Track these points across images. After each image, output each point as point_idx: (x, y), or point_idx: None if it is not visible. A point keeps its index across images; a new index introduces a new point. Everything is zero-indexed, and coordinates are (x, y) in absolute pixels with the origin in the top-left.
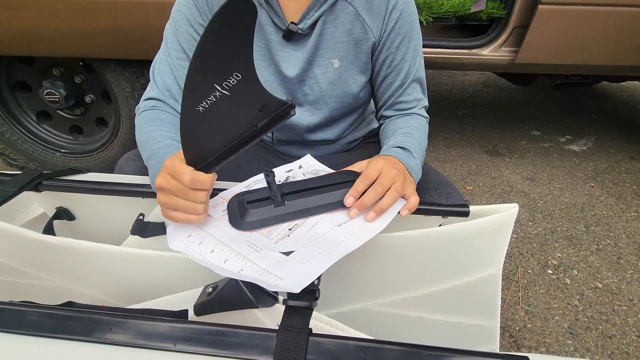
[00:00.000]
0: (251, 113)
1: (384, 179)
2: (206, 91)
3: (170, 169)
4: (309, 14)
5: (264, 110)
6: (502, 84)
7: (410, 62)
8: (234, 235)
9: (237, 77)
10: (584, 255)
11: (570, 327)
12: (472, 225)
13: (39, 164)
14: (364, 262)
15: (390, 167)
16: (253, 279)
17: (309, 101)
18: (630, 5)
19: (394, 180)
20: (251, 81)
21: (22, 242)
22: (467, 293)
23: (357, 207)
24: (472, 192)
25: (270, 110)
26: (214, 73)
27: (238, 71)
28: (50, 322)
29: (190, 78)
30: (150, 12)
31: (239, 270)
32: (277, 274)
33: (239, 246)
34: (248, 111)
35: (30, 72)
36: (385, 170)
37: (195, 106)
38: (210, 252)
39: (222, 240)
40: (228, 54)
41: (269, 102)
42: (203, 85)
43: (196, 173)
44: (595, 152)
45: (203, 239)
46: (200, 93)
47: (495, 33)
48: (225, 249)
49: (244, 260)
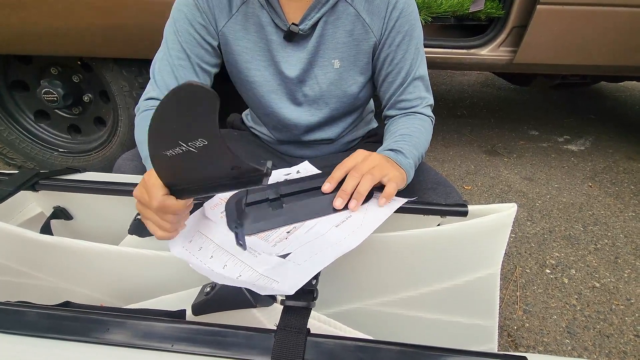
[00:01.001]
0: (222, 170)
1: (362, 165)
2: (171, 144)
3: (146, 185)
4: (309, 15)
5: (236, 170)
6: (500, 84)
7: (411, 61)
8: (232, 239)
9: (203, 142)
10: (581, 254)
11: (568, 327)
12: (470, 225)
13: (36, 163)
14: (363, 261)
15: (372, 155)
16: (250, 285)
17: (309, 101)
18: (629, 5)
19: (372, 166)
20: (218, 147)
21: (19, 242)
22: (465, 293)
23: (339, 195)
24: (471, 191)
25: (242, 172)
26: (176, 134)
27: (203, 138)
28: (47, 322)
29: (153, 127)
30: (148, 11)
31: (237, 277)
32: (273, 277)
33: (237, 251)
34: (217, 167)
35: (27, 71)
36: (364, 157)
37: (162, 150)
38: (209, 258)
39: (220, 245)
40: (189, 125)
41: (241, 165)
42: (167, 139)
43: (166, 199)
44: (593, 152)
45: (203, 244)
46: (165, 144)
47: (493, 33)
48: (224, 254)
49: (242, 266)
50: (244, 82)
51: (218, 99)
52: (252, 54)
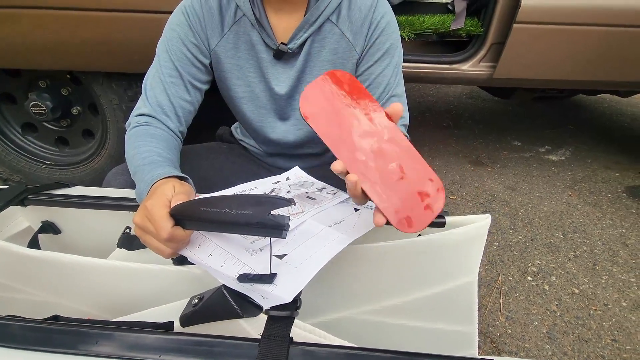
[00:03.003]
0: (247, 221)
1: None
2: (216, 207)
3: (151, 216)
4: (298, 35)
5: (259, 223)
6: (484, 96)
7: (389, 78)
8: (231, 238)
9: (250, 212)
10: (561, 262)
11: (548, 332)
12: (448, 235)
13: (23, 175)
14: (346, 271)
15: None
16: (247, 286)
17: (296, 115)
18: (600, 24)
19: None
20: (260, 216)
21: (6, 257)
22: (445, 300)
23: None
24: (456, 201)
25: (264, 225)
26: (230, 206)
27: (251, 211)
28: (36, 335)
29: (210, 199)
30: (138, 26)
31: (235, 275)
32: (271, 279)
33: (237, 251)
34: (245, 219)
35: (16, 84)
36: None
37: (200, 206)
38: (208, 256)
39: (220, 245)
40: (249, 206)
41: (266, 221)
42: (216, 205)
43: (175, 230)
44: (573, 161)
45: (201, 243)
46: (211, 205)
47: (474, 49)
48: (223, 253)
49: (240, 265)
50: (234, 98)
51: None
52: (243, 71)
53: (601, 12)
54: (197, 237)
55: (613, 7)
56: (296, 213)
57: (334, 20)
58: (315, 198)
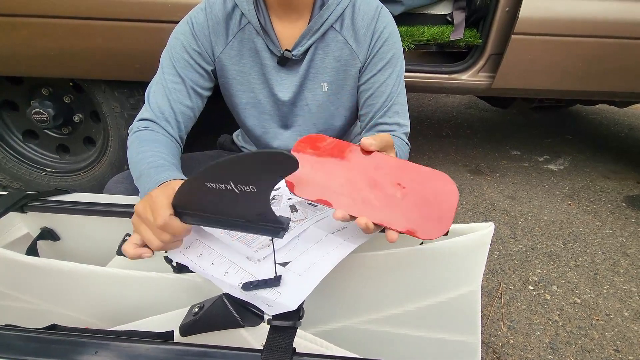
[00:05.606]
0: (247, 212)
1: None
2: (221, 179)
3: (153, 202)
4: (302, 42)
5: (260, 216)
6: (483, 106)
7: (392, 87)
8: (233, 247)
9: (252, 189)
10: (562, 271)
11: (551, 342)
12: (451, 243)
13: (23, 183)
14: (348, 280)
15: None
16: (251, 294)
17: (298, 122)
18: (596, 35)
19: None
20: (262, 198)
21: (4, 264)
22: (448, 309)
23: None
24: (456, 210)
25: (265, 219)
26: (235, 176)
27: (255, 186)
28: (33, 345)
29: (215, 165)
30: (140, 35)
31: (238, 283)
32: (276, 287)
33: (238, 258)
34: (245, 209)
35: (18, 92)
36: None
37: (206, 180)
38: (210, 265)
39: (221, 253)
40: (254, 174)
41: (267, 213)
42: (221, 176)
43: (172, 219)
44: (571, 171)
45: (202, 252)
46: (216, 177)
47: (473, 60)
48: (225, 261)
49: (243, 273)
50: (237, 105)
51: (297, 169)
52: (247, 77)
53: (597, 24)
54: (198, 245)
55: (608, 19)
56: (299, 220)
57: (337, 28)
58: (316, 204)
